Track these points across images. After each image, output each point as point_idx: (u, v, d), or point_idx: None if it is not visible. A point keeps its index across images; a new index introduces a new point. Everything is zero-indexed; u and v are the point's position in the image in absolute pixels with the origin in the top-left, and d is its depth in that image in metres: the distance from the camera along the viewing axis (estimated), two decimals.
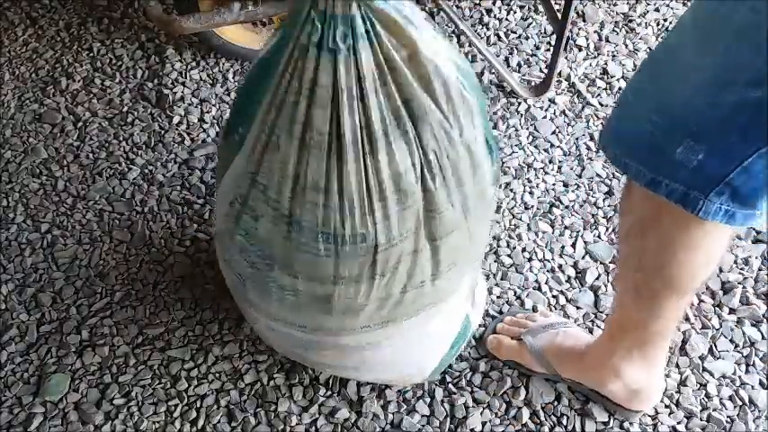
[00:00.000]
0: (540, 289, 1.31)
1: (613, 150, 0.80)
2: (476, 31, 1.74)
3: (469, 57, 1.70)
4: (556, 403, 1.17)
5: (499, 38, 1.74)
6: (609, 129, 0.83)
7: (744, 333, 1.24)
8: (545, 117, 1.58)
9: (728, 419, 1.16)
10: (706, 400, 1.18)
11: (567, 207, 1.43)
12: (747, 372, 1.20)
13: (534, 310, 1.27)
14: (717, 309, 1.28)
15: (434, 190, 0.75)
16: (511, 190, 1.45)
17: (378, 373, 1.06)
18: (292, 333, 0.95)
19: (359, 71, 0.67)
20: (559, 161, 1.50)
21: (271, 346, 1.16)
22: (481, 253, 0.96)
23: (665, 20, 1.77)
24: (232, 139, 0.82)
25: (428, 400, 1.17)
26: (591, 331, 1.24)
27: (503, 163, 1.49)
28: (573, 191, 1.45)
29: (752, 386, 1.19)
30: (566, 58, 1.68)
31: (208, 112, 1.60)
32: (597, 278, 1.32)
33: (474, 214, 0.82)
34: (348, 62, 0.66)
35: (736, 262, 1.33)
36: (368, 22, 0.66)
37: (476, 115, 0.79)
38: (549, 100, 1.60)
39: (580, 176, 1.47)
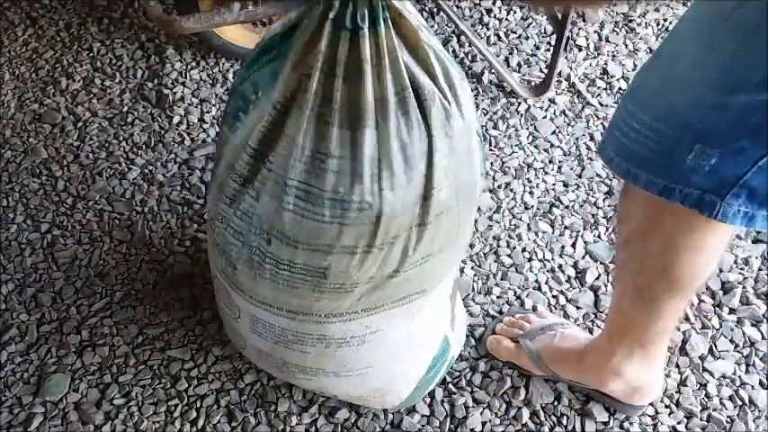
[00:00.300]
0: (540, 289, 1.31)
1: (620, 162, 0.78)
2: (476, 31, 1.74)
3: (469, 57, 1.70)
4: (556, 403, 1.17)
5: (499, 38, 1.74)
6: (612, 141, 0.80)
7: (744, 333, 1.24)
8: (545, 117, 1.58)
9: (728, 419, 1.16)
10: (706, 400, 1.18)
11: (567, 207, 1.43)
12: (747, 372, 1.20)
13: (534, 310, 1.27)
14: (717, 309, 1.28)
15: (435, 167, 0.80)
16: (511, 190, 1.45)
17: (358, 379, 1.06)
18: (277, 323, 0.96)
19: (379, 48, 0.74)
20: (559, 161, 1.50)
21: (253, 360, 1.15)
22: (465, 246, 1.01)
23: (665, 20, 1.77)
24: (236, 116, 0.87)
25: (428, 400, 1.17)
26: (591, 331, 1.24)
27: (503, 163, 1.50)
28: (573, 191, 1.45)
29: (752, 386, 1.19)
30: (566, 58, 1.68)
31: (208, 112, 1.60)
32: (597, 278, 1.32)
33: (464, 199, 0.87)
34: (369, 40, 0.73)
35: (736, 262, 1.33)
36: (384, 8, 0.74)
37: (472, 103, 0.86)
38: (549, 100, 1.60)
39: (580, 176, 1.47)
